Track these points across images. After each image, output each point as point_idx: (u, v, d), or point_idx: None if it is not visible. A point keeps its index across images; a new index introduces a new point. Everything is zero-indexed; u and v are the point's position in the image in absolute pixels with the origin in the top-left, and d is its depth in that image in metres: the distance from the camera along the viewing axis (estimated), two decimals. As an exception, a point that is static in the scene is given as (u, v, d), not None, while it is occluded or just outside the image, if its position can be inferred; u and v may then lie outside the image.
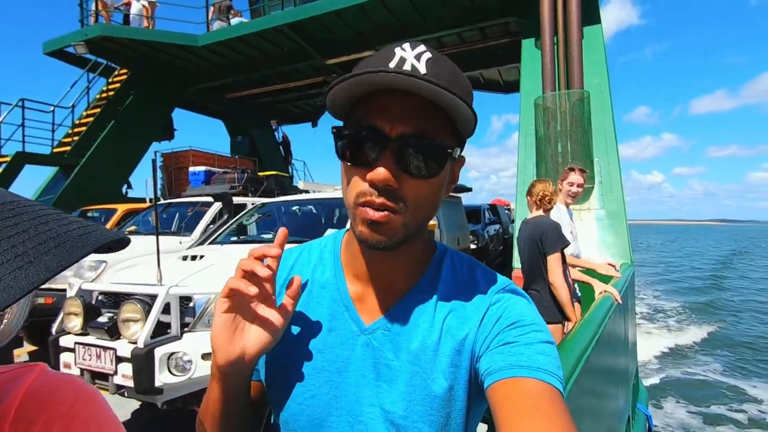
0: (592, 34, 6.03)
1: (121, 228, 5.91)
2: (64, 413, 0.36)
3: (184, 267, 3.08)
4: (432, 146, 0.53)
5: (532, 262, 2.72)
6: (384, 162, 0.51)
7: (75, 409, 0.37)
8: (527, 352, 0.52)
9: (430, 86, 0.48)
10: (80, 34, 8.62)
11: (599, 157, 5.31)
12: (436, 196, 0.57)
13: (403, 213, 0.53)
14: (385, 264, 0.61)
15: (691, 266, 22.78)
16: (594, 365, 1.59)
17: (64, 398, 0.38)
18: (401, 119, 0.52)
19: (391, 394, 0.57)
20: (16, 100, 8.84)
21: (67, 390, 0.39)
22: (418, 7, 7.85)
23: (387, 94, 0.52)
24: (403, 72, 0.48)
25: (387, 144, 0.52)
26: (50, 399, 0.37)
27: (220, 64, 10.16)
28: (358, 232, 0.55)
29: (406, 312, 0.60)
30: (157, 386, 2.42)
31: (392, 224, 0.53)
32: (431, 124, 0.52)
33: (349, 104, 0.56)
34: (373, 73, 0.48)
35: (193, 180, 8.83)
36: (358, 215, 0.54)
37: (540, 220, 2.75)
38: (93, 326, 2.67)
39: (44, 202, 2.41)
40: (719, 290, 14.76)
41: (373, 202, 0.52)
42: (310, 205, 4.83)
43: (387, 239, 0.54)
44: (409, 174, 0.52)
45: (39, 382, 0.38)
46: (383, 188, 0.52)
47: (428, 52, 0.53)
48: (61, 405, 0.37)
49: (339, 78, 0.50)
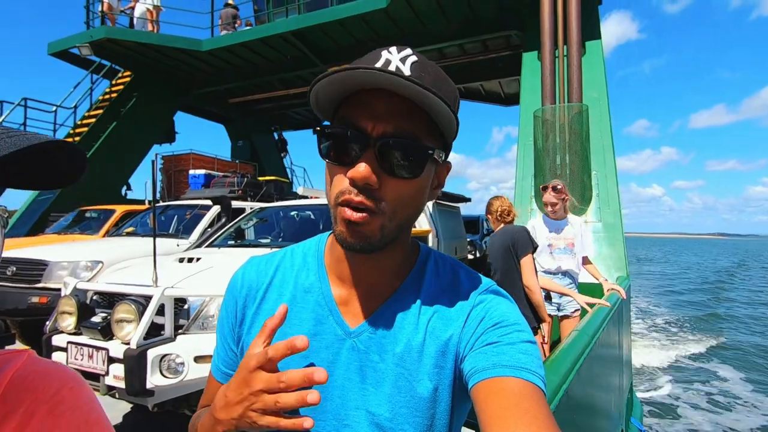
0: (592, 48, 6.11)
1: (120, 229, 5.91)
2: (48, 399, 0.37)
3: (180, 269, 3.08)
4: (413, 147, 0.53)
5: (505, 269, 2.77)
6: (365, 160, 0.51)
7: (60, 396, 0.37)
8: (510, 351, 0.53)
9: (411, 85, 0.48)
10: (85, 36, 8.70)
11: (597, 170, 5.34)
12: (417, 199, 0.57)
13: (382, 214, 0.53)
14: (369, 266, 0.61)
15: (691, 278, 22.78)
16: (586, 377, 1.59)
17: (50, 385, 0.38)
18: (383, 118, 0.52)
19: (377, 397, 0.57)
20: (19, 99, 8.89)
21: (54, 377, 0.39)
22: (420, 18, 7.96)
23: (370, 94, 0.52)
24: (385, 71, 0.48)
25: (368, 143, 0.52)
26: (36, 385, 0.37)
27: (224, 69, 10.25)
28: (337, 232, 0.55)
29: (391, 314, 0.60)
30: (148, 388, 2.40)
31: (370, 225, 0.53)
32: (413, 124, 0.53)
33: (334, 104, 0.56)
34: (354, 69, 0.49)
35: (192, 183, 8.85)
36: (339, 214, 0.54)
37: (507, 227, 2.86)
38: (86, 326, 2.65)
39: (43, 201, 2.42)
40: (719, 302, 14.75)
41: (352, 200, 0.52)
42: (308, 210, 4.84)
43: (364, 241, 0.54)
44: (390, 174, 0.53)
45: (26, 368, 0.38)
46: (363, 187, 0.52)
47: (414, 56, 0.53)
48: (46, 391, 0.37)
49: (320, 75, 0.51)
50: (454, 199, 8.15)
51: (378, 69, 0.48)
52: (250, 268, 0.68)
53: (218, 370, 0.68)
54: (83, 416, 0.38)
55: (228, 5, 9.97)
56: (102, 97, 10.20)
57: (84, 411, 0.38)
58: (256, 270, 0.68)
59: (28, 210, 8.81)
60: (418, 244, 0.68)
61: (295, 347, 0.48)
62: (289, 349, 0.48)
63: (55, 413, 0.36)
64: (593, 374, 1.84)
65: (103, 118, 9.59)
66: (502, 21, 7.74)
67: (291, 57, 9.48)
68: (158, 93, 10.32)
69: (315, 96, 0.54)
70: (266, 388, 0.48)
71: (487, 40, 8.54)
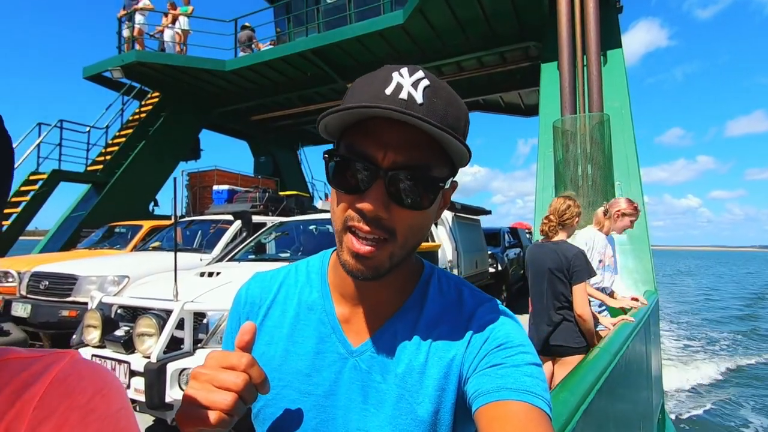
0: (612, 57, 6.02)
1: (146, 244, 6.09)
2: (81, 406, 0.37)
3: (200, 283, 3.14)
4: (424, 178, 0.52)
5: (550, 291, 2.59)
6: (375, 191, 0.51)
7: (93, 404, 0.38)
8: (514, 374, 0.51)
9: (423, 124, 0.47)
10: (117, 60, 9.16)
11: (620, 180, 5.20)
12: (426, 226, 0.57)
13: (392, 243, 0.53)
14: (372, 285, 0.60)
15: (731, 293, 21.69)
16: (607, 397, 1.52)
17: (85, 390, 0.39)
18: (394, 148, 0.51)
19: (378, 418, 0.56)
20: (56, 121, 9.37)
21: (90, 381, 0.40)
22: (438, 33, 8.03)
23: (380, 120, 0.50)
24: (397, 108, 0.47)
25: (378, 173, 0.51)
26: (72, 389, 0.38)
27: (246, 87, 10.56)
28: (343, 260, 0.54)
29: (393, 333, 0.59)
30: (167, 402, 2.44)
31: (379, 257, 0.52)
32: (424, 153, 0.51)
33: (342, 127, 0.55)
34: (367, 108, 0.48)
35: (216, 198, 9.07)
36: (345, 243, 0.53)
37: (561, 245, 2.62)
38: (110, 339, 2.72)
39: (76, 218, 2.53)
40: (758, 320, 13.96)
41: (361, 229, 0.51)
42: (328, 224, 4.88)
43: (372, 272, 0.53)
44: (400, 204, 0.52)
45: (66, 370, 0.39)
46: (372, 218, 0.51)
47: (426, 79, 0.51)
48: (80, 398, 0.38)
49: (332, 109, 0.50)
50: (473, 212, 8.08)
51: (391, 108, 0.47)
52: (254, 284, 0.69)
53: None
54: (112, 425, 0.38)
55: (245, 27, 10.33)
56: (132, 117, 10.68)
57: (114, 420, 0.39)
58: (260, 286, 0.68)
59: (62, 226, 9.22)
60: (422, 262, 0.67)
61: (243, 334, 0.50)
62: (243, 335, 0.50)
63: (86, 422, 0.37)
64: (617, 394, 1.75)
65: (132, 137, 10.01)
66: (519, 33, 7.74)
67: (311, 74, 9.70)
68: (184, 112, 10.72)
69: (324, 125, 0.54)
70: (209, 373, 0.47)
71: (505, 52, 8.52)
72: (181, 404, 0.47)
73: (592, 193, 4.91)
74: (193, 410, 0.45)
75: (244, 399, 0.46)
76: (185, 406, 0.46)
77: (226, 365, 0.47)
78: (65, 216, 9.45)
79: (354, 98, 0.52)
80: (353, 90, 0.54)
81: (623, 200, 3.25)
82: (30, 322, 4.42)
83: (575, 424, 1.08)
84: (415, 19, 7.43)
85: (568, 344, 2.54)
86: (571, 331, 2.57)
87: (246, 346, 0.50)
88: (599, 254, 3.05)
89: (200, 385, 0.46)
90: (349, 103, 0.50)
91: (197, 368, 0.48)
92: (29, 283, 4.72)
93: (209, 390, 0.46)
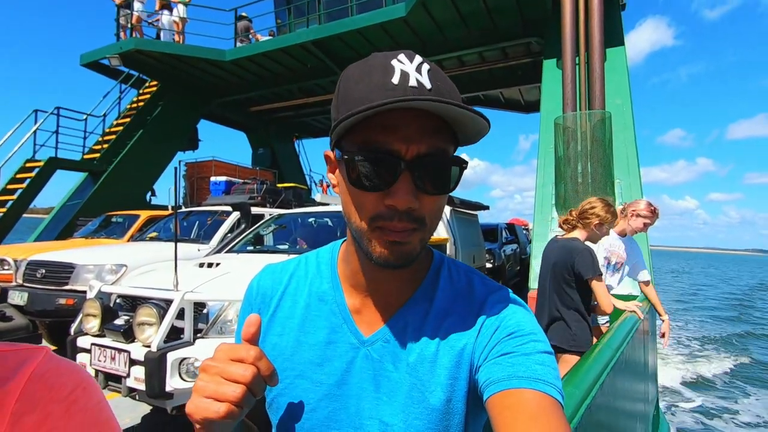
0: (615, 55, 6.01)
1: (143, 234, 6.07)
2: (63, 398, 0.38)
3: (200, 274, 3.13)
4: (446, 162, 0.53)
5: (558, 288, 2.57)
6: (403, 185, 0.50)
7: (74, 396, 0.39)
8: (526, 362, 0.51)
9: (449, 107, 0.47)
10: (115, 47, 9.04)
11: (620, 179, 5.22)
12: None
13: (421, 230, 0.53)
14: (384, 275, 0.60)
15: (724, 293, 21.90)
16: (609, 391, 1.54)
17: (65, 384, 0.39)
18: (413, 139, 0.50)
19: (391, 407, 0.56)
20: (52, 108, 9.27)
21: (69, 377, 0.40)
22: (440, 27, 7.98)
23: (393, 112, 0.49)
24: (414, 97, 0.47)
25: (403, 166, 0.50)
26: (53, 384, 0.39)
27: (246, 78, 10.48)
28: (377, 255, 0.53)
29: (404, 323, 0.60)
30: (167, 391, 2.44)
31: (413, 243, 0.53)
32: (440, 138, 0.52)
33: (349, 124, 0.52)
34: (384, 105, 0.46)
35: (214, 189, 9.04)
36: (376, 238, 0.53)
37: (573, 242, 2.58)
38: (109, 328, 2.72)
39: (72, 207, 2.51)
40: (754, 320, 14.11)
41: (395, 227, 0.51)
42: (326, 217, 4.87)
43: (406, 259, 0.53)
44: (426, 192, 0.52)
45: (44, 365, 0.40)
46: (404, 212, 0.51)
47: (426, 63, 0.52)
48: (61, 391, 0.39)
49: (344, 116, 0.48)
50: (472, 207, 8.09)
51: (409, 98, 0.46)
52: (265, 276, 0.69)
53: None
54: (94, 416, 0.39)
55: (242, 18, 10.22)
56: (129, 105, 10.58)
57: (95, 411, 0.40)
58: (271, 278, 0.68)
59: (58, 215, 9.15)
60: (431, 251, 0.67)
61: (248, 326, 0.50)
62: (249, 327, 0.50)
63: (70, 413, 0.38)
64: (617, 389, 1.77)
65: (130, 126, 9.92)
66: (522, 28, 7.70)
67: (311, 66, 9.63)
68: (182, 101, 10.63)
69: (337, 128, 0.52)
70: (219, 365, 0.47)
71: (506, 47, 8.49)
72: (191, 396, 0.47)
73: (591, 190, 4.92)
74: (203, 402, 0.45)
75: (252, 391, 0.47)
76: (195, 398, 0.46)
77: (234, 358, 0.47)
78: (61, 204, 9.38)
79: (354, 92, 0.50)
80: (348, 82, 0.52)
81: (643, 202, 3.20)
82: (27, 310, 4.40)
83: (580, 417, 1.09)
84: (417, 11, 7.38)
85: (561, 345, 2.52)
86: (564, 330, 2.53)
87: (252, 338, 0.50)
88: (605, 251, 3.04)
89: (210, 378, 0.46)
90: (351, 98, 0.50)
91: (206, 361, 0.48)
92: (26, 271, 4.69)
93: (219, 382, 0.46)
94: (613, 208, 2.63)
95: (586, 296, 2.55)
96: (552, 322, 2.60)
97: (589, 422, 1.16)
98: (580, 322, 2.53)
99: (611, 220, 2.61)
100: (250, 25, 10.34)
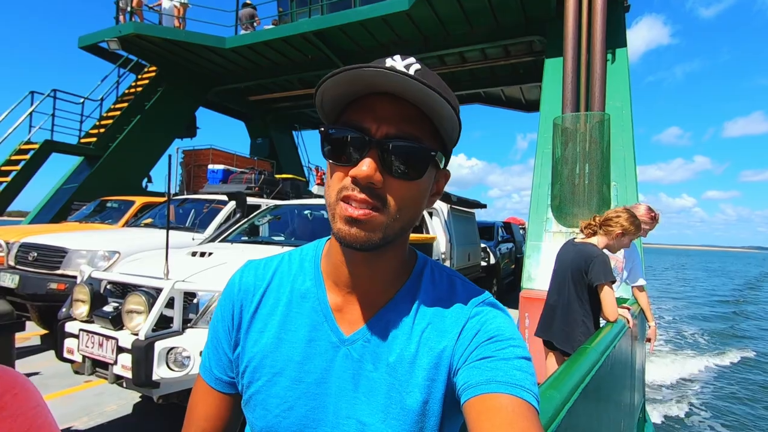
0: (617, 56, 5.99)
1: (138, 220, 6.04)
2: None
3: (191, 263, 3.12)
4: (416, 149, 0.53)
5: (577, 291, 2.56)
6: (367, 160, 0.52)
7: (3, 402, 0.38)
8: (504, 367, 0.51)
9: (418, 85, 0.49)
10: (114, 31, 8.94)
11: (617, 181, 5.22)
12: (418, 201, 0.57)
13: (385, 213, 0.53)
14: (366, 272, 0.60)
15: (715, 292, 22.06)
16: (593, 396, 1.54)
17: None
18: (386, 120, 0.52)
19: (369, 407, 0.56)
20: (49, 90, 9.18)
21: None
22: (443, 22, 7.92)
23: (375, 98, 0.53)
24: (397, 70, 0.49)
25: (371, 144, 0.52)
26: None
27: (245, 67, 10.40)
28: (336, 229, 0.54)
29: (386, 323, 0.60)
30: (154, 379, 2.43)
31: (372, 223, 0.52)
32: (417, 128, 0.53)
33: (338, 108, 0.57)
34: (364, 69, 0.49)
35: (211, 178, 8.99)
36: (338, 212, 0.53)
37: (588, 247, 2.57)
38: (98, 314, 2.70)
39: (67, 190, 2.48)
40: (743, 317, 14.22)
41: (355, 198, 0.52)
42: (323, 210, 4.86)
43: (365, 238, 0.53)
44: (392, 174, 0.53)
45: None
46: (365, 185, 0.52)
47: (417, 64, 0.55)
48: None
49: (330, 73, 0.51)
50: (469, 205, 8.09)
51: (389, 69, 0.48)
52: (248, 271, 0.68)
53: (209, 372, 0.68)
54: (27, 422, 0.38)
55: (246, 5, 10.12)
56: (128, 90, 10.48)
57: (28, 417, 0.38)
58: (254, 273, 0.67)
59: (52, 198, 9.10)
60: (415, 252, 0.67)
61: None
62: None
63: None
64: (601, 394, 1.78)
65: (127, 111, 9.84)
66: (525, 26, 7.66)
67: (312, 58, 9.56)
68: (181, 88, 10.54)
69: (320, 96, 0.55)
70: None
71: (509, 45, 8.46)
72: None
73: (587, 192, 4.93)
74: None
75: None
76: None
77: None
78: (56, 188, 9.32)
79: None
80: None
81: (643, 207, 3.16)
82: (17, 293, 4.38)
83: (560, 421, 1.09)
84: (420, 5, 7.32)
85: (564, 348, 2.56)
86: (571, 334, 2.56)
87: None
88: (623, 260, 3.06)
89: None
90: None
91: None
92: (18, 253, 4.66)
93: None
94: (638, 221, 2.61)
95: (598, 302, 2.55)
96: (561, 324, 2.62)
97: (568, 426, 1.17)
98: (587, 327, 2.54)
99: (634, 232, 2.59)
100: (254, 12, 10.23)
